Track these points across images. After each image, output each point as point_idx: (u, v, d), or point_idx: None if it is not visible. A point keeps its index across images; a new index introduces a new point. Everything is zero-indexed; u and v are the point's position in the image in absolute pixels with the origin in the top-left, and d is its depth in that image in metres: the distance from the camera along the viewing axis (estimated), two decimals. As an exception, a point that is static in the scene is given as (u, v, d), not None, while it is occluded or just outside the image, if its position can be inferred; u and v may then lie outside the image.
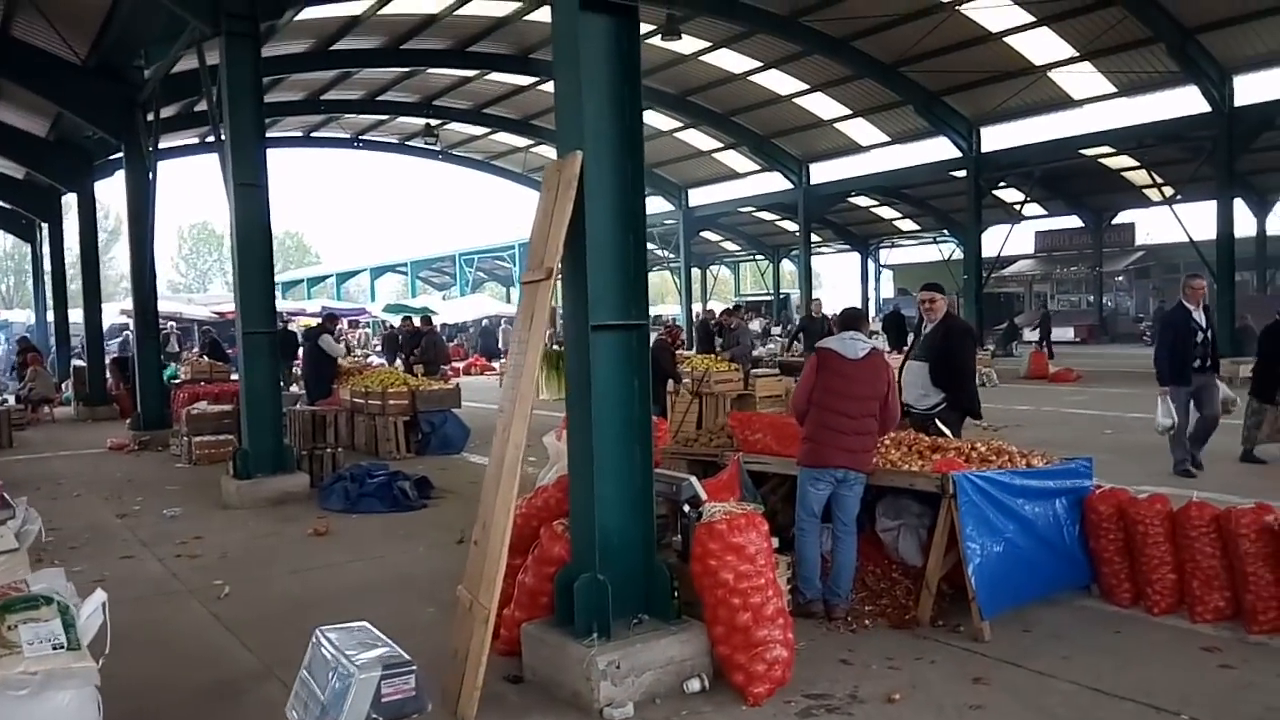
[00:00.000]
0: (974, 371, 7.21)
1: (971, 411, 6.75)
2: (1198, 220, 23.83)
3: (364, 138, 29.57)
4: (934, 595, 4.81)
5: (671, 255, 36.47)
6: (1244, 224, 28.28)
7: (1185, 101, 19.27)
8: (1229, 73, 18.14)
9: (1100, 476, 5.51)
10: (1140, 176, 28.02)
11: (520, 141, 29.99)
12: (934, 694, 3.94)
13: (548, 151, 28.37)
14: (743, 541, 4.10)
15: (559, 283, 4.23)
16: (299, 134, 27.91)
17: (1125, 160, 27.26)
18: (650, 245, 38.11)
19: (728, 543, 4.09)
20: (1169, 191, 25.05)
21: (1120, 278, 36.65)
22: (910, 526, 5.31)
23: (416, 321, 19.35)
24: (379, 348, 27.09)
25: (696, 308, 37.61)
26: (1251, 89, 18.49)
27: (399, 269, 52.54)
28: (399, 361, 18.32)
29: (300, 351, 16.47)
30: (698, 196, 32.99)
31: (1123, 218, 34.10)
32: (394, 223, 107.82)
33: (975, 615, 4.55)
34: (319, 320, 17.24)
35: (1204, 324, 8.29)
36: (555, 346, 15.91)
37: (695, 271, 42.99)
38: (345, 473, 8.58)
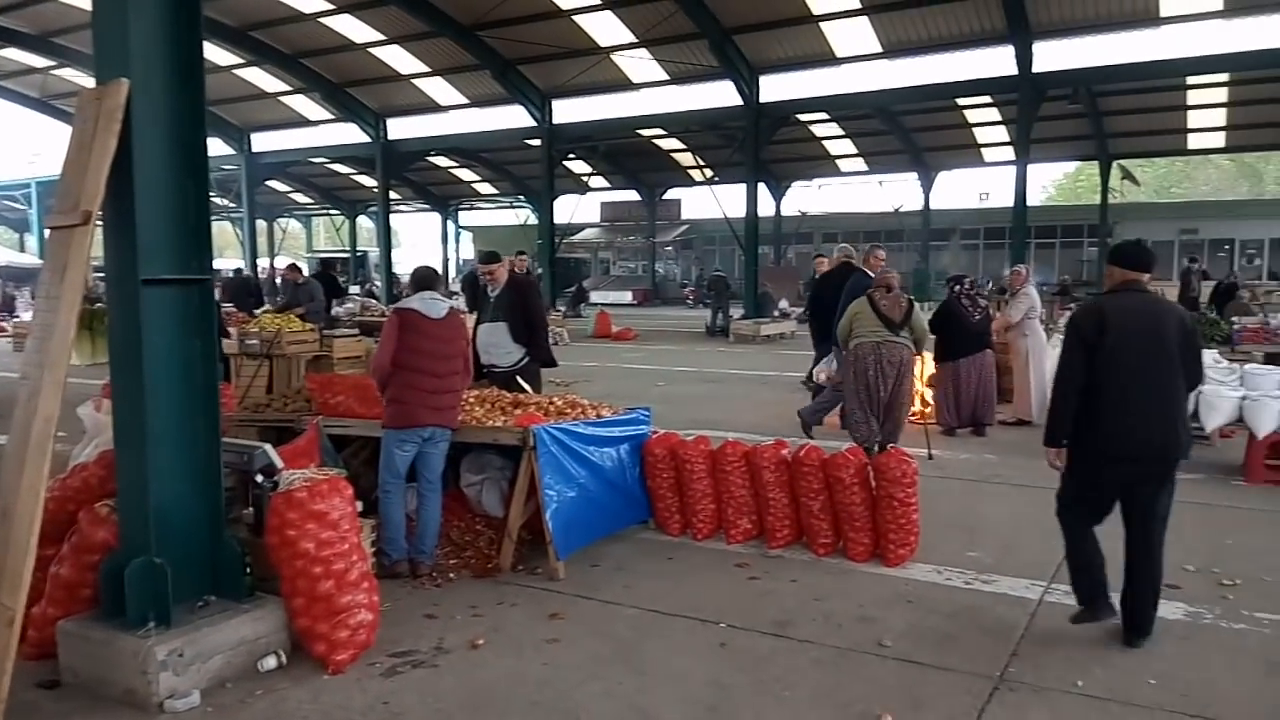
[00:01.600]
0: (546, 323, 7.65)
1: (548, 362, 7.18)
2: (731, 199, 27.44)
3: None
4: (515, 543, 5.05)
5: (233, 204, 33.38)
6: (766, 205, 33.11)
7: (723, 94, 21.97)
8: (757, 72, 20.99)
9: (656, 423, 6.15)
10: (687, 158, 31.48)
11: (38, 61, 25.30)
12: (514, 634, 4.16)
13: (77, 76, 24.26)
14: (325, 508, 3.94)
15: (99, 229, 3.67)
16: None
17: (675, 143, 30.44)
18: (208, 193, 34.68)
19: (308, 510, 3.90)
20: (709, 173, 28.46)
21: (669, 248, 41.00)
22: (494, 480, 5.50)
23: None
24: None
25: (263, 262, 34.92)
26: (775, 88, 21.63)
27: None
28: None
29: None
30: (263, 141, 30.49)
31: (672, 194, 38.14)
32: None
33: (551, 557, 4.87)
34: None
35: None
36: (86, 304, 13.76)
37: (261, 224, 39.82)
38: None
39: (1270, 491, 6.64)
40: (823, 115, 26.67)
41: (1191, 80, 22.56)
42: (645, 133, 27.58)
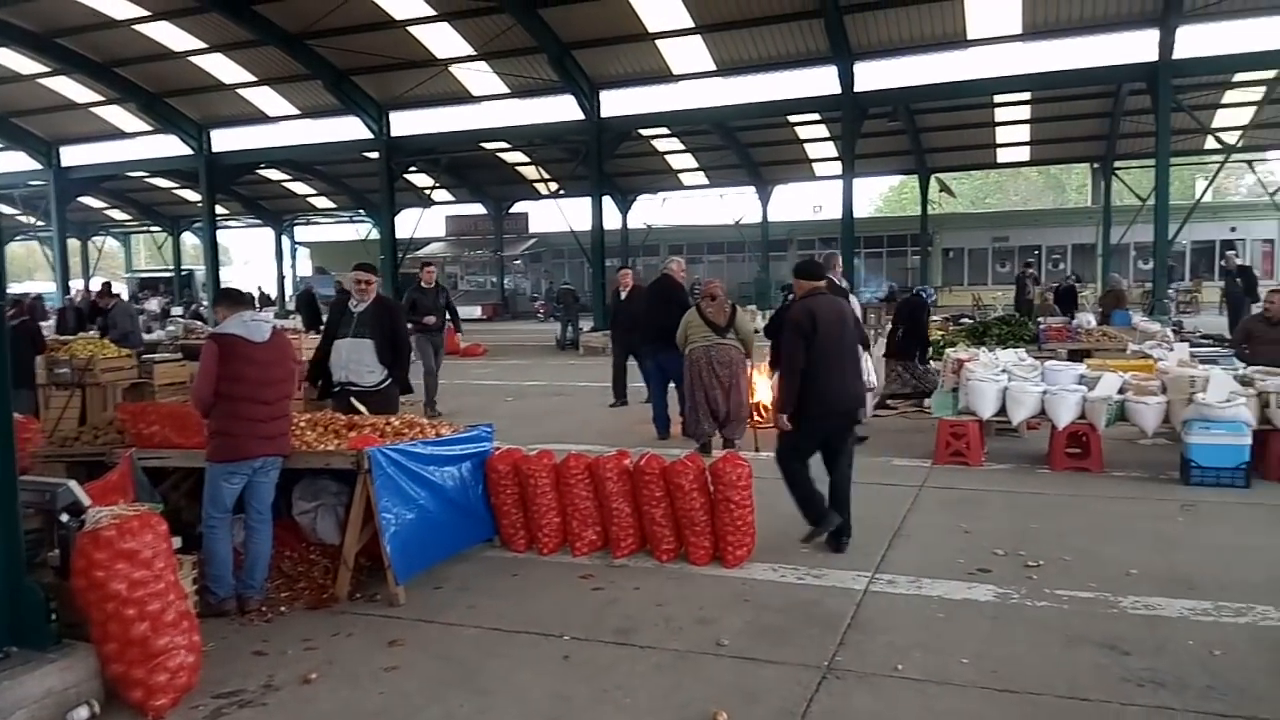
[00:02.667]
0: (411, 346, 7.48)
1: (407, 387, 7.06)
2: (579, 212, 27.59)
3: None
4: (351, 570, 4.90)
5: (41, 222, 30.85)
6: (613, 218, 33.47)
7: (565, 108, 22.08)
8: (598, 87, 21.21)
9: (502, 439, 6.11)
10: (532, 171, 31.42)
11: None
12: (350, 665, 4.03)
13: None
14: (136, 546, 3.70)
15: None
16: None
17: (519, 156, 30.32)
18: (8, 209, 31.80)
19: (117, 549, 3.66)
20: (554, 186, 28.53)
21: (518, 261, 40.78)
22: (328, 506, 5.31)
23: None
24: None
25: (75, 284, 32.45)
26: (616, 103, 21.91)
27: None
28: None
29: None
30: (74, 155, 28.28)
31: (519, 207, 38.00)
32: None
33: (390, 582, 4.75)
34: None
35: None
36: None
37: (73, 243, 36.98)
38: None
39: (1071, 477, 7.24)
40: (664, 130, 27.24)
41: (998, 99, 24.42)
42: (489, 146, 27.33)
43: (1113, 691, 3.57)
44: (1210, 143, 24.02)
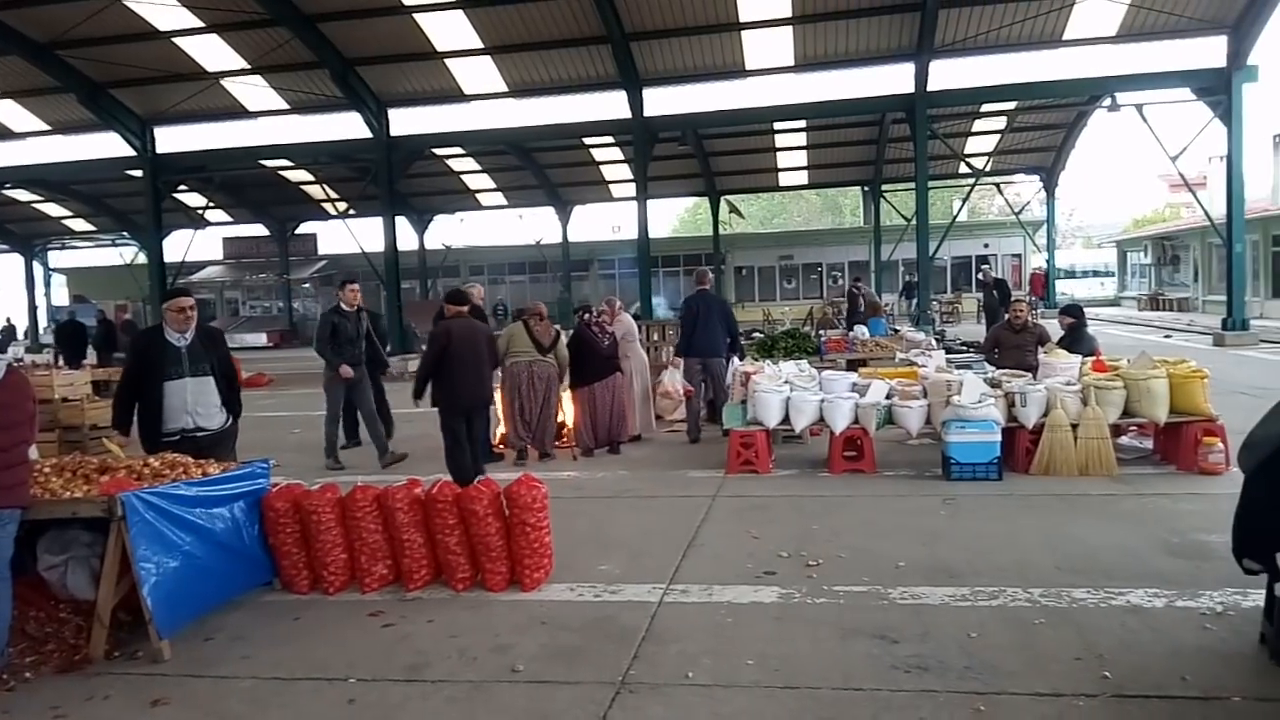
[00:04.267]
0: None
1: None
2: (371, 233, 26.64)
3: None
4: (108, 627, 4.44)
5: None
6: (410, 238, 32.68)
7: (351, 126, 21.37)
8: (386, 105, 20.66)
9: (290, 473, 5.75)
10: (318, 191, 30.11)
11: None
12: (106, 734, 3.65)
13: None
14: None
15: None
16: None
17: (304, 175, 28.99)
18: None
19: None
20: (343, 206, 27.47)
21: (307, 285, 38.87)
22: (80, 558, 4.78)
23: None
24: None
25: None
26: (406, 121, 21.42)
27: None
28: None
29: None
30: None
31: (306, 228, 36.24)
32: None
33: (153, 636, 4.34)
34: None
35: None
36: None
37: None
38: None
39: (849, 479, 7.71)
40: (459, 150, 26.92)
41: (777, 126, 25.91)
42: (270, 164, 25.95)
43: (883, 679, 3.81)
44: (964, 167, 26.55)
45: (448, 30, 18.58)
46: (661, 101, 21.15)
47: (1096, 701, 3.55)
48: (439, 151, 25.82)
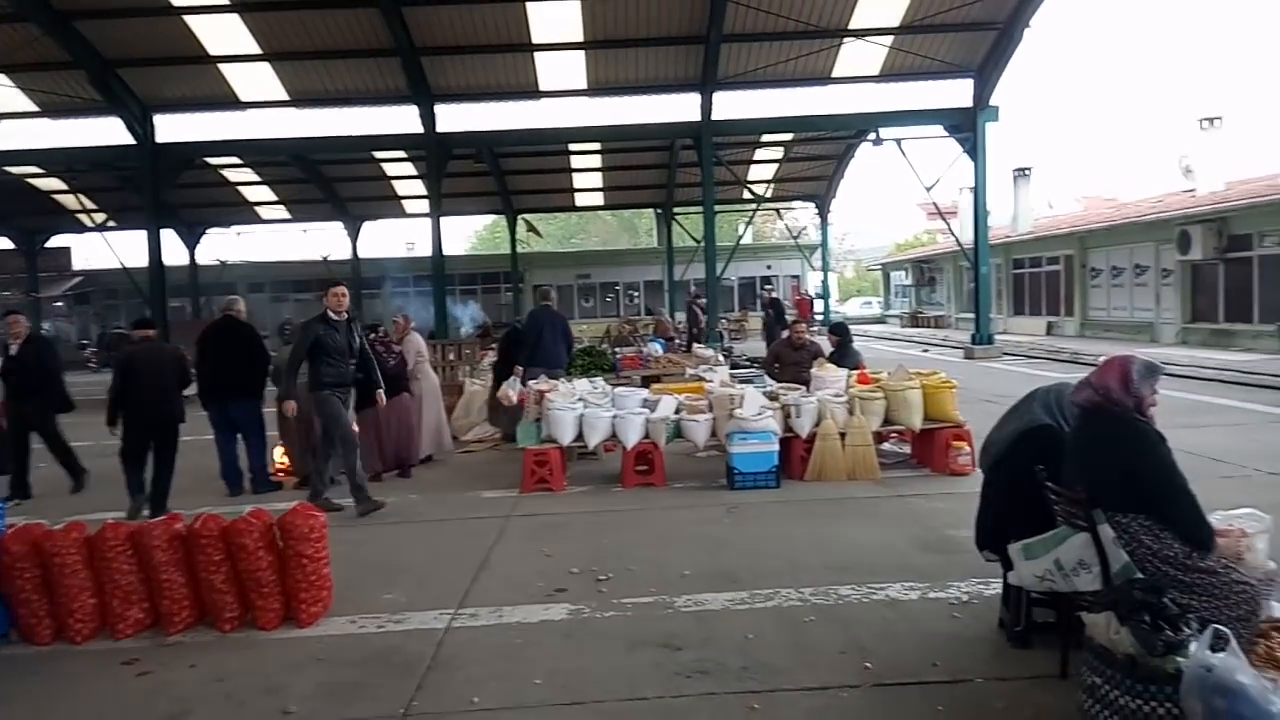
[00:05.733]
0: None
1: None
2: (135, 248, 24.47)
3: None
4: None
5: None
6: (179, 253, 30.36)
7: (112, 131, 19.62)
8: (150, 110, 19.10)
9: (35, 513, 5.16)
10: (73, 200, 27.40)
11: None
12: None
13: None
14: None
15: None
16: None
17: (56, 183, 26.31)
18: None
19: None
20: (101, 218, 25.15)
21: (60, 303, 35.18)
22: None
23: None
24: None
25: None
26: (175, 128, 19.93)
27: None
28: None
29: None
30: None
31: (58, 240, 32.79)
32: None
33: None
34: None
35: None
36: None
37: None
38: None
39: (640, 493, 7.88)
40: (235, 160, 25.32)
41: (573, 147, 26.23)
42: (15, 170, 23.35)
43: (667, 686, 3.90)
44: (747, 193, 27.95)
45: (221, 34, 17.44)
46: (456, 118, 20.95)
47: (859, 691, 3.80)
48: (213, 161, 24.17)
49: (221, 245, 33.48)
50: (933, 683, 3.85)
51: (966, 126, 19.71)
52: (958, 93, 20.10)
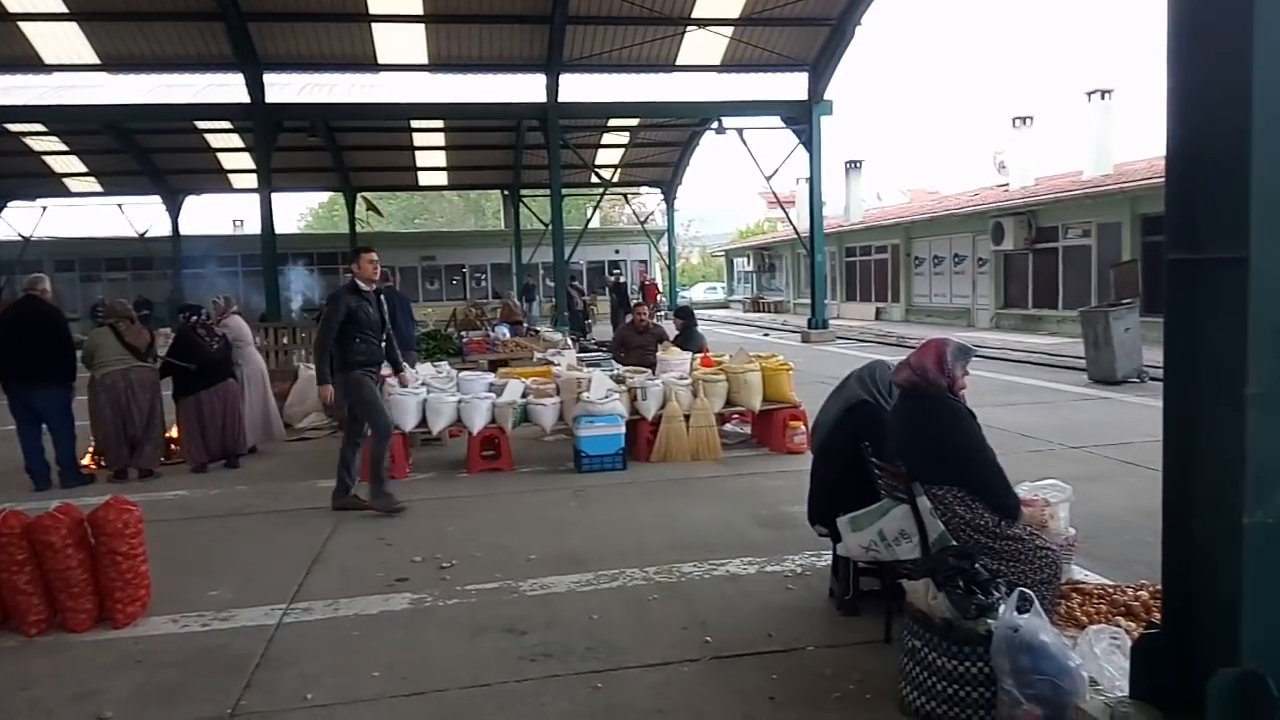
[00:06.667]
0: None
1: None
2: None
3: None
4: None
5: None
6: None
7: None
8: (-67, 67, 17.23)
9: None
10: None
11: None
12: None
13: None
14: None
15: None
16: None
17: None
18: None
19: None
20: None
21: None
22: None
23: None
24: None
25: None
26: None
27: None
28: None
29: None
30: None
31: None
32: None
33: None
34: None
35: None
36: None
37: None
38: None
39: (486, 478, 7.79)
40: (39, 127, 23.19)
41: (415, 124, 25.48)
42: None
43: (511, 671, 3.88)
44: (594, 177, 27.99)
45: (19, -13, 15.94)
46: (287, 89, 19.86)
47: (699, 664, 3.90)
48: (12, 127, 22.06)
49: (26, 219, 30.61)
50: (768, 653, 4.00)
51: (802, 119, 20.45)
52: (794, 86, 20.84)
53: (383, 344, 6.87)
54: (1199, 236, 2.58)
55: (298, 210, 63.03)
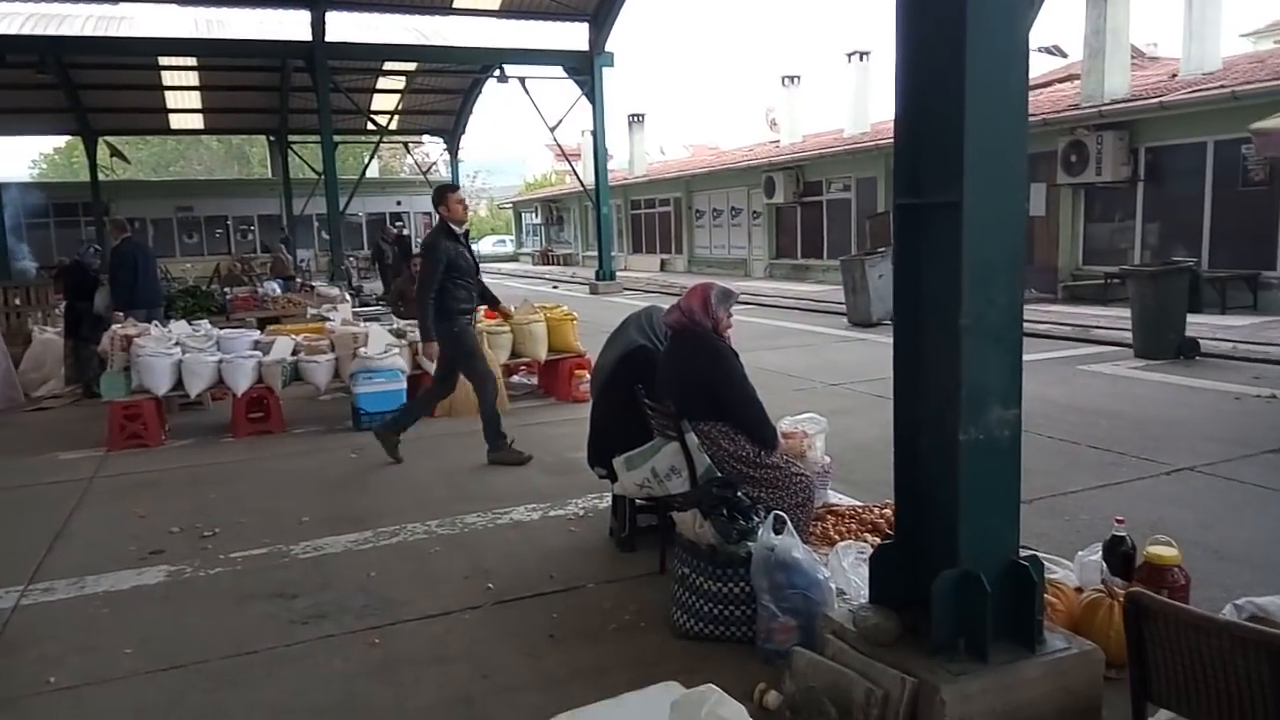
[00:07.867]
0: None
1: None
2: None
3: None
4: None
5: None
6: None
7: None
8: None
9: None
10: None
11: None
12: None
13: None
14: None
15: None
16: None
17: None
18: None
19: None
20: None
21: None
22: None
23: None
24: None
25: None
26: None
27: None
28: None
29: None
30: None
31: None
32: None
33: None
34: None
35: None
36: None
37: None
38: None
39: (254, 442, 7.37)
40: None
41: (164, 61, 23.19)
42: None
43: (280, 636, 3.72)
44: (370, 125, 26.68)
45: None
46: (12, 20, 17.50)
47: (481, 611, 3.92)
48: None
49: None
50: (549, 593, 4.07)
51: (584, 69, 20.43)
52: (576, 36, 20.75)
53: (476, 292, 6.54)
54: (921, 184, 2.82)
55: (27, 155, 55.93)
